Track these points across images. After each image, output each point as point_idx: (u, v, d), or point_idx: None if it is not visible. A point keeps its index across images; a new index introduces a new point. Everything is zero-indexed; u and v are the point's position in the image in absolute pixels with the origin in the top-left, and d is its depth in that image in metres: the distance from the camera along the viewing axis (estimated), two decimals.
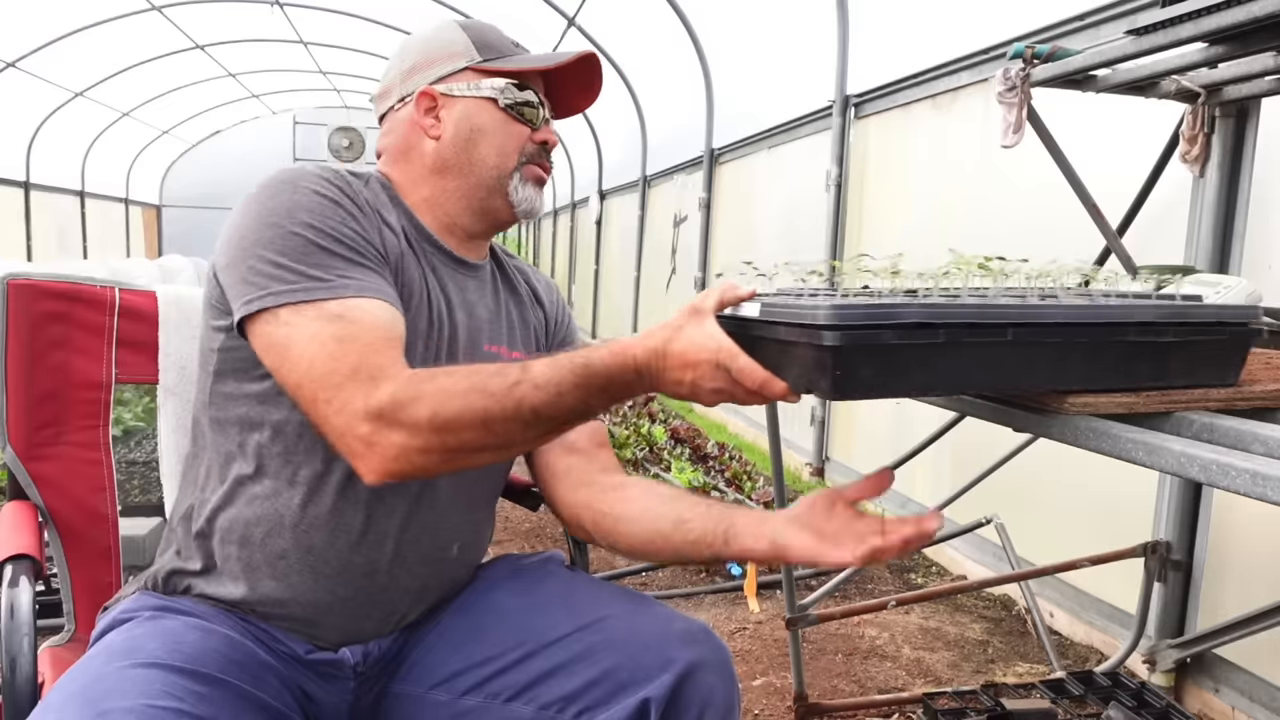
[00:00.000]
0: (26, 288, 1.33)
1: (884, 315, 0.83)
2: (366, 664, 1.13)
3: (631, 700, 1.01)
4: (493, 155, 1.19)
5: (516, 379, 0.94)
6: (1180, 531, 2.39)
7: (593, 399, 0.95)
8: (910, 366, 0.86)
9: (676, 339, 0.92)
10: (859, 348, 0.83)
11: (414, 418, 0.92)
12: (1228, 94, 2.10)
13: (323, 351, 0.95)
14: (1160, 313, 0.92)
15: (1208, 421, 0.90)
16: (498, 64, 1.19)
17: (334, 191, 1.07)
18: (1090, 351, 0.91)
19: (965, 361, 0.88)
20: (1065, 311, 0.90)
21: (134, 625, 1.04)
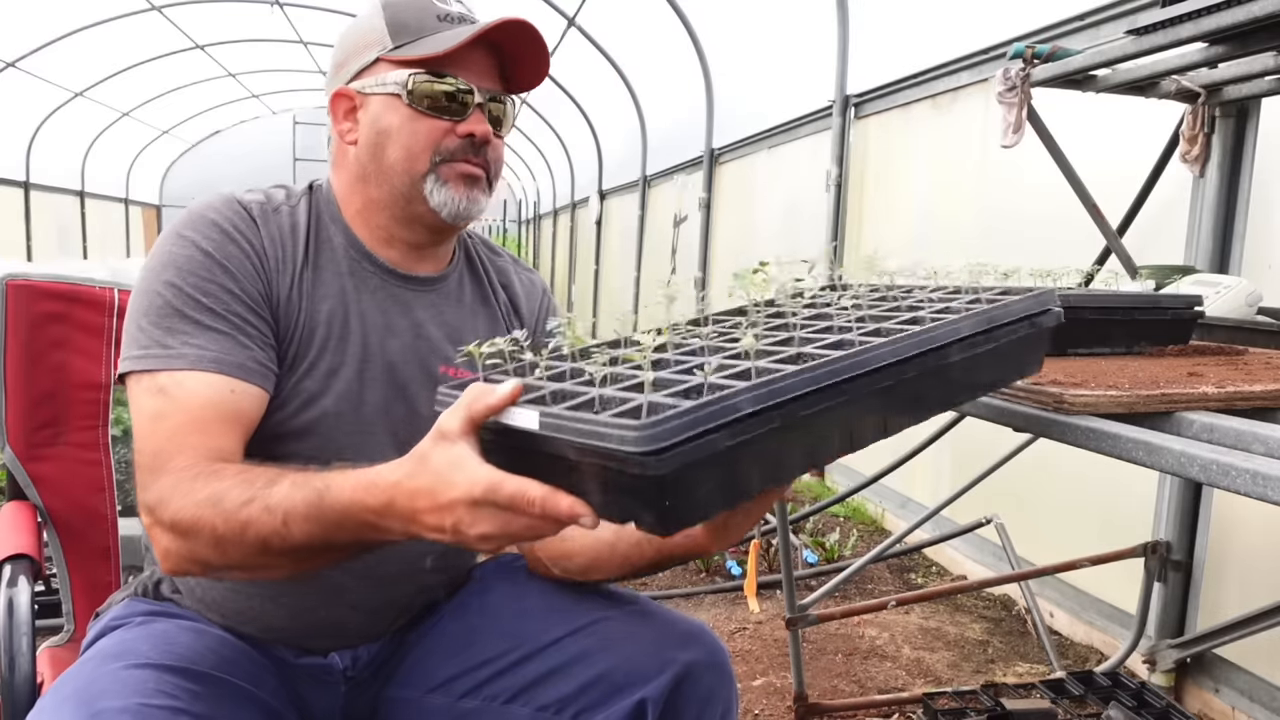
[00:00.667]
0: (25, 288, 1.33)
1: (714, 417, 0.67)
2: (357, 668, 1.13)
3: (628, 701, 1.01)
4: (401, 159, 1.06)
5: (250, 496, 0.84)
6: (1180, 531, 2.39)
7: (331, 535, 0.82)
8: (754, 464, 0.72)
9: (419, 474, 0.77)
10: (690, 466, 0.66)
11: (169, 520, 0.88)
12: (1228, 94, 2.10)
13: (141, 430, 0.95)
14: (976, 320, 0.85)
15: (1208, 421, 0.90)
16: (406, 51, 1.06)
17: (215, 242, 1.01)
18: (930, 380, 0.82)
19: (813, 435, 0.75)
20: (887, 350, 0.78)
21: (126, 630, 1.03)
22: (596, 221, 10.26)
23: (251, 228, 1.05)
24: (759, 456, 0.71)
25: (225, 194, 1.07)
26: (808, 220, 4.78)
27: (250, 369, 0.99)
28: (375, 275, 1.11)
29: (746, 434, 0.68)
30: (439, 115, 1.06)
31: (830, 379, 0.74)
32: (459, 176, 1.08)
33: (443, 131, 1.06)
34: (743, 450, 0.69)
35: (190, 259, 1.00)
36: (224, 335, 0.98)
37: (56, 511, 1.35)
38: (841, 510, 4.11)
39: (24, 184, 10.05)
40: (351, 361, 1.07)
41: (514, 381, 0.77)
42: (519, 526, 0.75)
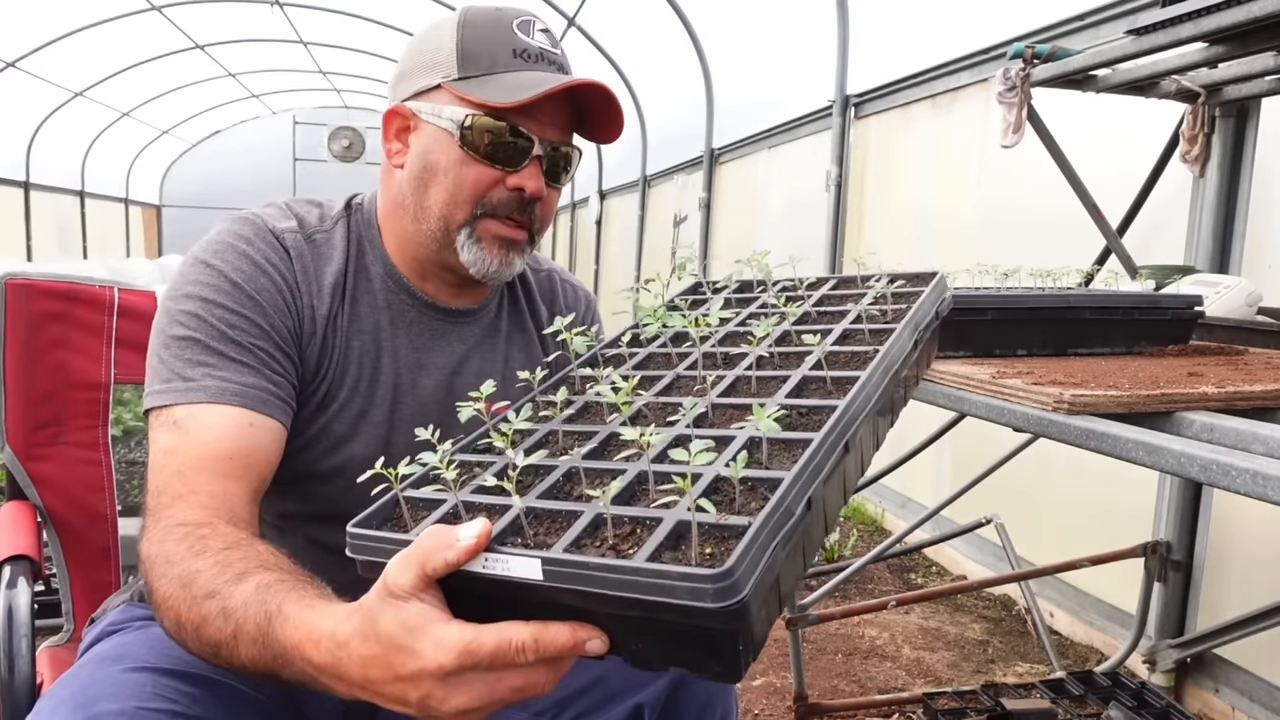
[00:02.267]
0: (25, 287, 1.33)
1: (777, 529, 0.58)
2: None
3: (625, 706, 1.00)
4: (441, 203, 0.98)
5: (214, 589, 0.75)
6: (1180, 531, 2.39)
7: (277, 670, 0.71)
8: (794, 560, 0.64)
9: (370, 639, 0.63)
10: (758, 597, 0.56)
11: (153, 579, 0.83)
12: (1228, 94, 2.10)
13: (153, 465, 0.91)
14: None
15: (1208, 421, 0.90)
16: (470, 87, 0.96)
17: (245, 274, 0.97)
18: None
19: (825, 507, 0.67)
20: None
21: (123, 634, 1.03)
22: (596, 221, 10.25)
23: (284, 259, 1.00)
24: (798, 551, 0.63)
25: (256, 220, 1.01)
26: (808, 220, 4.78)
27: (272, 403, 0.95)
28: (413, 309, 1.06)
29: (795, 533, 0.59)
30: (491, 164, 0.97)
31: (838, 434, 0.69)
32: (494, 238, 1.00)
33: (491, 182, 0.98)
34: (791, 551, 0.60)
35: (218, 289, 0.96)
36: (248, 369, 0.94)
37: (56, 511, 1.35)
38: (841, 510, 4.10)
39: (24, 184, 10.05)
40: (381, 404, 1.04)
41: (480, 522, 0.62)
42: (509, 687, 0.62)
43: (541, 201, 1.02)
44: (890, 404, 0.86)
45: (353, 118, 14.63)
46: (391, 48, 10.10)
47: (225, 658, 0.74)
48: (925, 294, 0.92)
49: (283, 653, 0.69)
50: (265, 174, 14.35)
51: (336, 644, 0.65)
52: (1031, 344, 1.35)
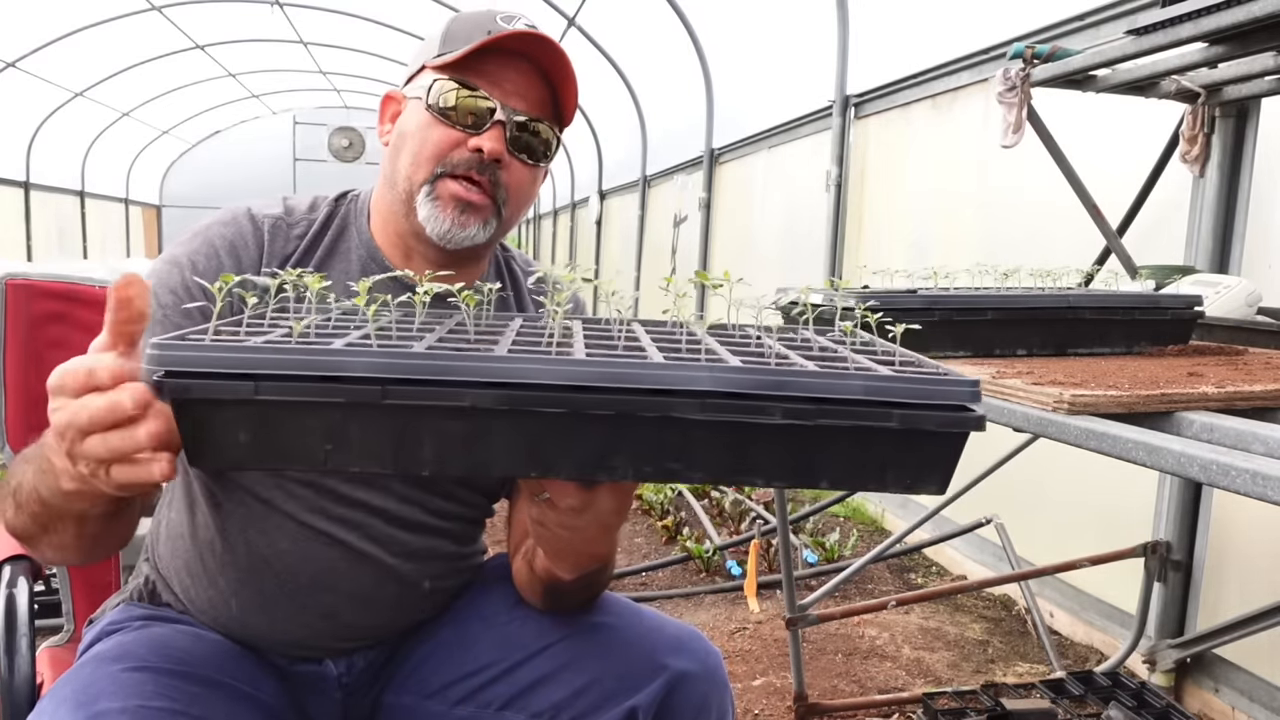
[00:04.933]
0: (24, 288, 1.33)
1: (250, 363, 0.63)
2: (352, 675, 1.12)
3: (619, 709, 1.00)
4: (408, 164, 1.02)
5: (13, 476, 0.84)
6: (1180, 531, 2.39)
7: (37, 482, 0.80)
8: (305, 432, 0.65)
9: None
10: (213, 404, 0.63)
11: None
12: (1228, 94, 2.10)
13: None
14: (746, 381, 0.65)
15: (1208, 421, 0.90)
16: (444, 59, 1.03)
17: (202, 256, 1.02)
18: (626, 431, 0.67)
19: (398, 431, 0.66)
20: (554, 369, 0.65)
21: (123, 634, 1.03)
22: (596, 221, 10.26)
23: (255, 242, 1.04)
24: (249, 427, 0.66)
25: (243, 207, 1.07)
26: (808, 220, 4.78)
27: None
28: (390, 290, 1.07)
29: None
30: (454, 125, 1.01)
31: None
32: (451, 197, 1.01)
33: (453, 143, 1.01)
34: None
35: (169, 274, 1.01)
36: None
37: None
38: (841, 510, 4.11)
39: (24, 184, 10.05)
40: None
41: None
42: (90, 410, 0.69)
43: (506, 170, 1.03)
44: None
45: (353, 118, 14.63)
46: (391, 48, 10.10)
47: (26, 511, 0.82)
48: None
49: (38, 448, 0.79)
50: (265, 174, 14.35)
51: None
52: (1031, 344, 1.35)
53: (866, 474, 0.68)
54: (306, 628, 1.07)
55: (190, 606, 1.08)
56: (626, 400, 0.64)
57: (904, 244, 3.90)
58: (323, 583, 1.05)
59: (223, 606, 1.06)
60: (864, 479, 0.69)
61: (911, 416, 0.65)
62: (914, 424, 0.65)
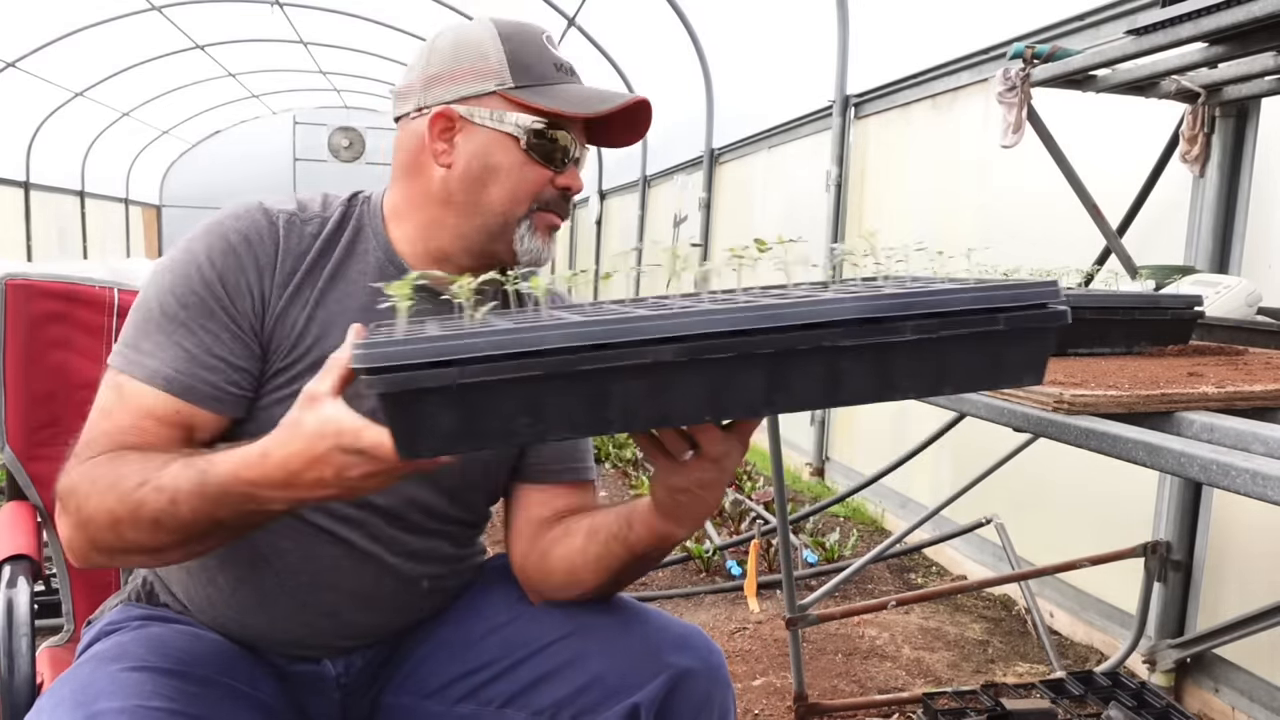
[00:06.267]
0: (24, 288, 1.33)
1: (450, 350, 0.66)
2: (350, 675, 1.12)
3: (621, 706, 1.00)
4: (503, 200, 1.06)
5: (145, 478, 0.86)
6: (1180, 531, 2.39)
7: (217, 512, 0.84)
8: (505, 409, 0.69)
9: (293, 439, 0.79)
10: (419, 394, 0.67)
11: (71, 507, 0.90)
12: (1228, 94, 2.10)
13: (91, 417, 0.98)
14: (881, 305, 0.73)
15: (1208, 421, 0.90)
16: (530, 95, 1.04)
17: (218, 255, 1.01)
18: (786, 365, 0.73)
19: (592, 394, 0.70)
20: (724, 316, 0.71)
21: (121, 634, 1.03)
22: (596, 221, 10.25)
23: (270, 240, 1.03)
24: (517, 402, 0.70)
25: (257, 202, 1.07)
26: (808, 220, 4.78)
27: (204, 394, 0.98)
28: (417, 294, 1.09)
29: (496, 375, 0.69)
30: (545, 165, 1.06)
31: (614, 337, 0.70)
32: (546, 228, 1.09)
33: (546, 181, 1.07)
34: (493, 392, 0.69)
35: (186, 268, 1.00)
36: (187, 355, 0.98)
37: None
38: (841, 510, 4.11)
39: (24, 184, 10.04)
40: None
41: (354, 328, 0.83)
42: (391, 472, 0.78)
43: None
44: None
45: (353, 118, 14.62)
46: (391, 48, 10.09)
47: (167, 527, 0.85)
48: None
49: (221, 489, 0.82)
50: (265, 174, 14.33)
51: (264, 456, 0.81)
52: None
53: (982, 375, 0.79)
54: (306, 626, 1.07)
55: (189, 605, 1.08)
56: (785, 338, 0.71)
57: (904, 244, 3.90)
58: (323, 581, 1.05)
59: (222, 605, 1.06)
60: (980, 380, 0.80)
61: (1014, 318, 0.76)
62: (1017, 324, 0.76)
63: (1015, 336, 0.77)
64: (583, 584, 1.07)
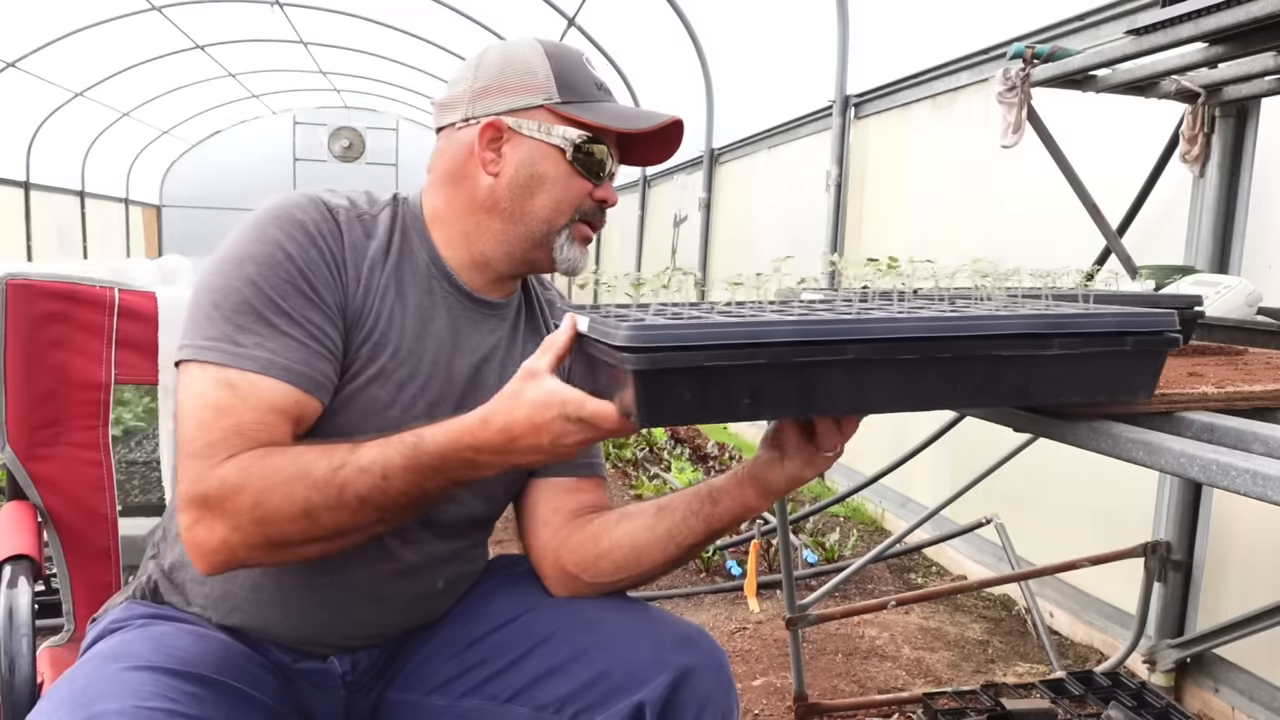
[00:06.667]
0: (25, 288, 1.33)
1: (691, 337, 0.77)
2: (356, 672, 1.13)
3: (627, 703, 1.00)
4: (547, 209, 1.11)
5: (341, 462, 0.90)
6: (1180, 531, 2.39)
7: (427, 482, 0.91)
8: (734, 389, 0.79)
9: (516, 408, 0.88)
10: (666, 372, 0.77)
11: (236, 507, 0.89)
12: (1228, 94, 2.10)
13: (195, 418, 0.94)
14: (1040, 323, 0.84)
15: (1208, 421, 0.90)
16: (576, 110, 1.09)
17: (300, 243, 1.01)
18: (956, 368, 0.84)
19: (802, 383, 0.81)
20: (918, 324, 0.81)
21: (124, 633, 1.03)
22: None
23: (335, 233, 1.05)
24: (743, 385, 0.80)
25: (312, 194, 1.08)
26: (808, 220, 4.78)
27: (318, 382, 0.99)
28: (451, 295, 1.13)
29: (730, 360, 0.79)
30: (587, 177, 1.11)
31: (825, 335, 0.81)
32: (583, 238, 1.15)
33: (585, 192, 1.12)
34: (726, 375, 0.79)
35: (273, 257, 0.99)
36: (297, 343, 0.98)
37: (57, 511, 1.35)
38: (841, 510, 4.11)
39: (24, 184, 10.04)
40: (421, 376, 1.08)
41: (570, 316, 0.92)
42: (599, 435, 0.88)
43: None
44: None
45: (353, 118, 14.63)
46: (391, 48, 10.10)
47: (375, 503, 0.90)
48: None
49: (439, 458, 0.90)
50: (265, 174, 14.33)
51: (484, 423, 0.89)
52: None
53: (1105, 388, 0.88)
54: (322, 624, 1.08)
55: (204, 601, 1.08)
56: (963, 345, 0.82)
57: (904, 244, 3.91)
58: (343, 580, 1.06)
59: (239, 600, 1.07)
60: (1104, 393, 0.89)
61: (1140, 341, 0.87)
62: (1142, 347, 0.87)
63: (1137, 356, 0.87)
64: (643, 563, 1.10)
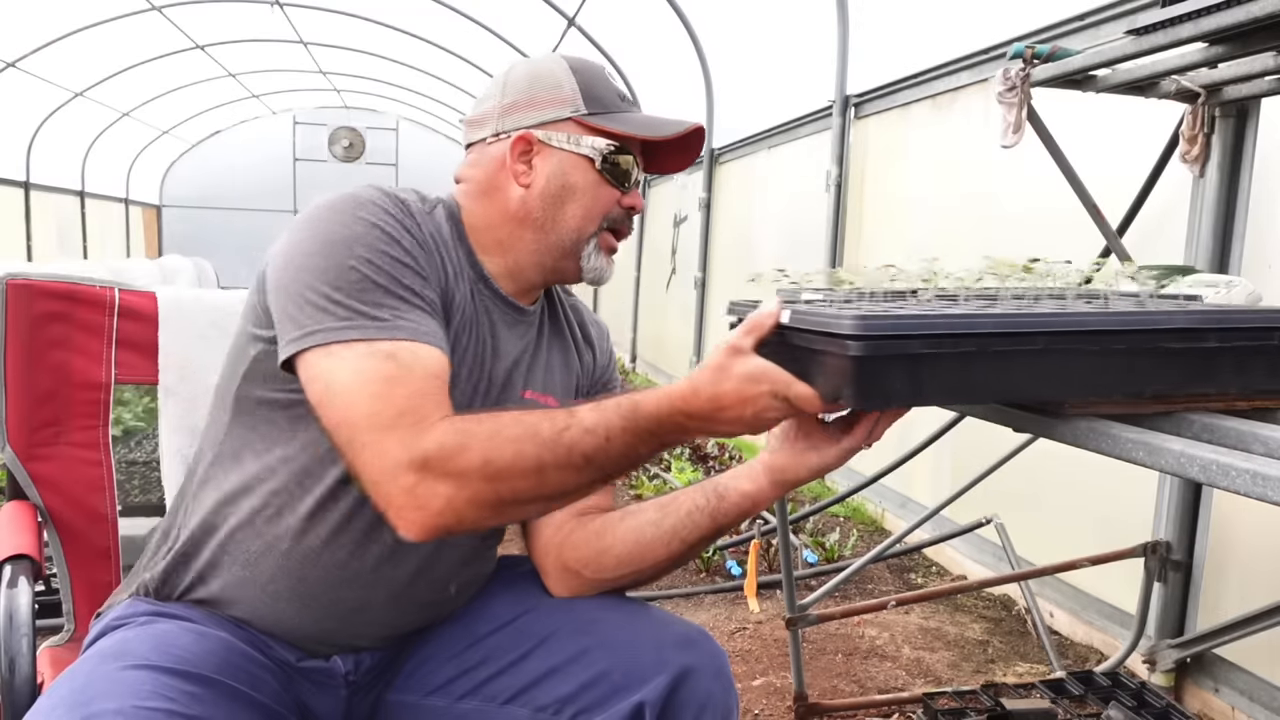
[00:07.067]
0: (25, 288, 1.33)
1: (911, 326, 0.83)
2: (359, 672, 1.13)
3: (626, 704, 1.01)
4: (577, 217, 1.14)
5: (565, 424, 0.92)
6: (1180, 531, 2.39)
7: (641, 444, 0.94)
8: (938, 376, 0.86)
9: (727, 379, 0.92)
10: (883, 358, 0.83)
11: (462, 467, 0.89)
12: (1228, 94, 2.10)
13: (366, 392, 0.92)
14: (1203, 318, 0.91)
15: (1208, 421, 0.90)
16: (602, 121, 1.13)
17: (395, 226, 1.02)
18: (1128, 359, 0.90)
19: (997, 371, 0.87)
20: (1102, 318, 0.89)
21: (127, 630, 1.03)
22: None
23: (413, 222, 1.06)
24: (947, 372, 0.87)
25: (375, 186, 1.08)
26: (808, 220, 4.78)
27: (448, 348, 1.02)
28: (489, 298, 1.16)
29: (938, 349, 0.86)
30: (614, 185, 1.15)
31: (1026, 326, 0.88)
32: (609, 248, 1.18)
33: (615, 201, 1.15)
34: (932, 361, 0.86)
35: (381, 239, 1.00)
36: (426, 314, 1.00)
37: (57, 511, 1.35)
38: (841, 510, 4.11)
39: (24, 184, 10.04)
40: (464, 372, 1.10)
41: (775, 298, 0.97)
42: (791, 415, 0.94)
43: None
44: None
45: (353, 118, 14.62)
46: (391, 48, 10.09)
47: (596, 463, 0.93)
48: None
49: (655, 421, 0.93)
50: (265, 174, 14.32)
51: (694, 392, 0.93)
52: None
53: (1251, 379, 0.94)
54: (337, 619, 1.08)
55: (218, 592, 1.08)
56: (1136, 338, 0.89)
57: (904, 244, 3.91)
58: (363, 579, 1.07)
59: (256, 590, 1.06)
60: (1250, 382, 0.94)
61: None
62: None
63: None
64: (646, 559, 1.11)
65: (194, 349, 1.43)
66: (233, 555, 1.07)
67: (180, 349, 1.43)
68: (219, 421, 1.12)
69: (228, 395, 1.10)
